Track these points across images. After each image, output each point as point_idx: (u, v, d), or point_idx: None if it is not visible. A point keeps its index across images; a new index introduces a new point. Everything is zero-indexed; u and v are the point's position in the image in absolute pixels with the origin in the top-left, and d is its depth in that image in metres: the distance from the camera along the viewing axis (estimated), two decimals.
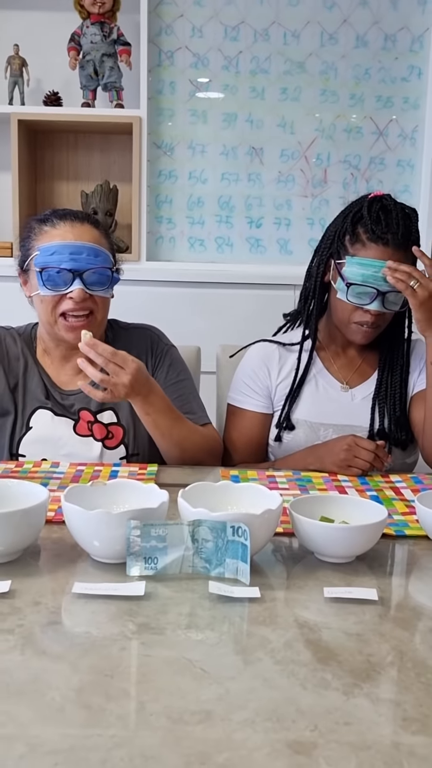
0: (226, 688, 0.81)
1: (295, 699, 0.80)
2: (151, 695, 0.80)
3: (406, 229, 1.59)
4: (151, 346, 1.74)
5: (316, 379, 1.75)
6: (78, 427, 1.65)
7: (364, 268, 1.58)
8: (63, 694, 0.80)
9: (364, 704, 0.79)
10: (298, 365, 1.74)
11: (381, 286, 1.58)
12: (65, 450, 1.63)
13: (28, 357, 1.69)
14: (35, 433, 1.64)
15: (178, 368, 1.75)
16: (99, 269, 1.58)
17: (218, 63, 2.86)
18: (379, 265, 1.57)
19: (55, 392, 1.68)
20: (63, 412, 1.66)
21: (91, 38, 2.72)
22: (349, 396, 1.73)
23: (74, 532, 1.11)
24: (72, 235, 1.58)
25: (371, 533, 1.12)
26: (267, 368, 1.76)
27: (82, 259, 1.56)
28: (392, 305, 1.62)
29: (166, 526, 1.06)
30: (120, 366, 1.43)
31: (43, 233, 1.60)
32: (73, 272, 1.55)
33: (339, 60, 2.86)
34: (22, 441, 1.64)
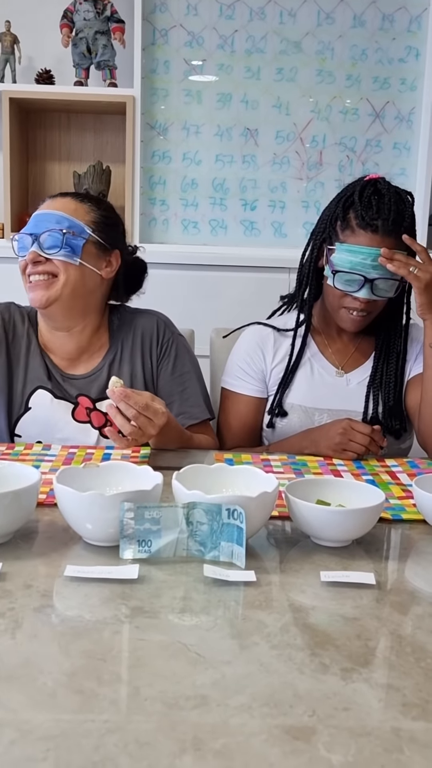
0: (221, 673, 0.80)
1: (292, 684, 0.78)
2: (145, 680, 0.78)
3: (398, 214, 1.57)
4: (157, 334, 1.72)
5: (311, 363, 1.73)
6: (76, 412, 1.64)
7: (352, 254, 1.56)
8: (55, 678, 0.78)
9: (363, 689, 0.78)
10: (292, 350, 1.72)
11: (369, 273, 1.56)
12: (62, 434, 1.62)
13: (32, 337, 1.68)
14: (33, 414, 1.63)
15: (184, 359, 1.72)
16: (52, 231, 1.55)
17: (213, 42, 2.82)
18: (367, 252, 1.55)
19: (56, 373, 1.66)
20: (63, 395, 1.65)
21: (84, 15, 2.68)
22: (344, 381, 1.72)
23: (66, 515, 1.09)
24: (47, 206, 1.62)
25: (368, 517, 1.10)
26: (262, 352, 1.74)
27: (42, 224, 1.57)
28: (382, 292, 1.59)
29: (160, 509, 1.04)
30: (150, 418, 1.39)
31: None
32: (31, 236, 1.57)
33: (336, 40, 2.82)
34: (20, 420, 1.62)
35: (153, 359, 1.70)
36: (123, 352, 1.69)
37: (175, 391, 1.68)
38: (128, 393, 1.37)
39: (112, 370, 1.67)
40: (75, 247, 1.57)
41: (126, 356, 1.69)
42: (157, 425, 1.41)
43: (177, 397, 1.68)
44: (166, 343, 1.71)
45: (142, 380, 1.68)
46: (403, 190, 1.62)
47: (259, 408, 1.75)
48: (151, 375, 1.70)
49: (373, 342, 1.75)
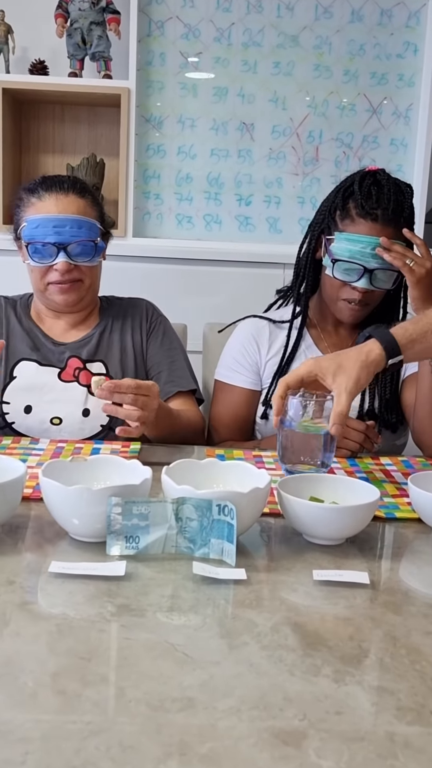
0: (209, 674, 0.77)
1: (282, 686, 0.76)
2: (130, 681, 0.75)
3: (398, 204, 1.55)
4: (146, 312, 1.79)
5: (306, 356, 1.71)
6: (63, 374, 1.67)
7: (351, 243, 1.55)
8: (36, 678, 0.75)
9: (356, 692, 0.75)
10: (287, 342, 1.70)
11: (368, 263, 1.54)
12: (50, 396, 1.64)
13: (12, 317, 1.73)
14: (19, 382, 1.66)
15: (171, 337, 1.79)
16: (82, 241, 1.61)
17: (210, 34, 2.78)
18: (366, 241, 1.53)
19: (47, 342, 1.71)
20: (49, 362, 1.69)
21: (80, 5, 2.64)
22: None
23: (52, 509, 1.07)
24: (56, 207, 1.62)
25: (362, 514, 1.08)
26: (257, 344, 1.72)
27: (66, 232, 1.60)
28: (380, 283, 1.58)
29: (148, 504, 1.01)
30: (146, 395, 1.39)
31: (30, 205, 1.64)
32: (57, 245, 1.60)
33: (333, 35, 2.79)
34: (6, 389, 1.65)
35: (143, 333, 1.76)
36: (113, 325, 1.75)
37: (164, 361, 1.73)
38: (115, 383, 1.37)
39: (102, 336, 1.72)
40: (99, 251, 1.67)
41: (116, 328, 1.75)
42: (154, 397, 1.41)
43: (165, 367, 1.72)
44: (155, 321, 1.78)
45: (132, 353, 1.73)
46: (402, 181, 1.61)
47: (252, 400, 1.72)
48: (141, 347, 1.75)
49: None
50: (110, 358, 1.70)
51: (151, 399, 1.40)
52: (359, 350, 1.27)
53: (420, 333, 1.28)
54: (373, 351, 1.26)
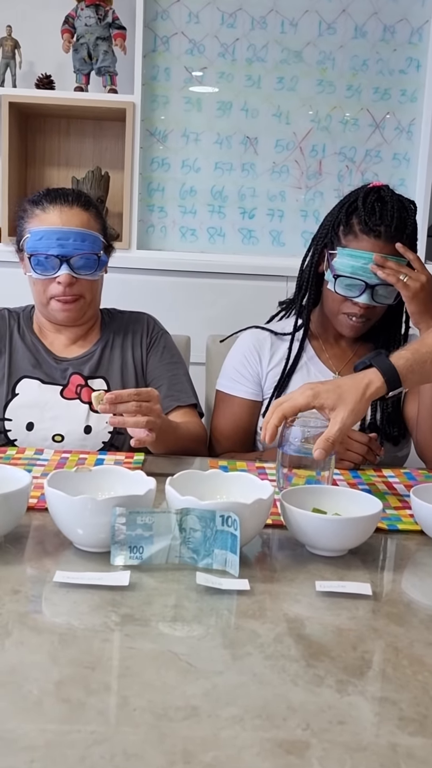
0: (213, 683, 0.77)
1: (285, 696, 0.76)
2: (134, 690, 0.76)
3: (401, 221, 1.56)
4: (147, 327, 1.79)
5: (308, 368, 1.71)
6: (65, 391, 1.67)
7: (354, 259, 1.56)
8: (41, 687, 0.76)
9: (358, 702, 0.76)
10: (289, 353, 1.71)
11: (370, 279, 1.55)
12: (51, 413, 1.64)
13: (15, 332, 1.73)
14: (21, 399, 1.66)
15: (172, 351, 1.79)
16: (86, 254, 1.62)
17: (214, 50, 2.81)
18: (369, 257, 1.55)
19: (49, 358, 1.71)
20: (51, 380, 1.69)
21: (86, 21, 2.67)
22: None
23: (57, 519, 1.07)
24: (60, 220, 1.62)
25: (365, 526, 1.08)
26: (258, 354, 1.73)
27: (69, 244, 1.60)
28: (382, 298, 1.59)
29: (152, 514, 1.02)
30: (147, 400, 1.39)
31: (34, 216, 1.64)
32: (60, 258, 1.60)
33: (337, 50, 2.81)
34: (8, 405, 1.65)
35: (143, 347, 1.76)
36: (114, 340, 1.75)
37: (164, 375, 1.72)
38: (115, 394, 1.37)
39: (104, 353, 1.73)
40: (101, 264, 1.67)
41: (117, 343, 1.75)
42: (156, 401, 1.41)
43: (165, 381, 1.72)
44: (156, 335, 1.78)
45: (132, 368, 1.73)
46: (406, 198, 1.62)
47: (253, 411, 1.73)
48: (141, 362, 1.75)
49: (370, 348, 1.74)
50: (111, 374, 1.71)
51: (153, 403, 1.40)
52: (359, 381, 1.26)
53: (419, 362, 1.29)
54: (374, 383, 1.26)
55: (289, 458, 1.28)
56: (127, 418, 1.38)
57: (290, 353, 1.71)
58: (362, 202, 1.58)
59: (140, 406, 1.37)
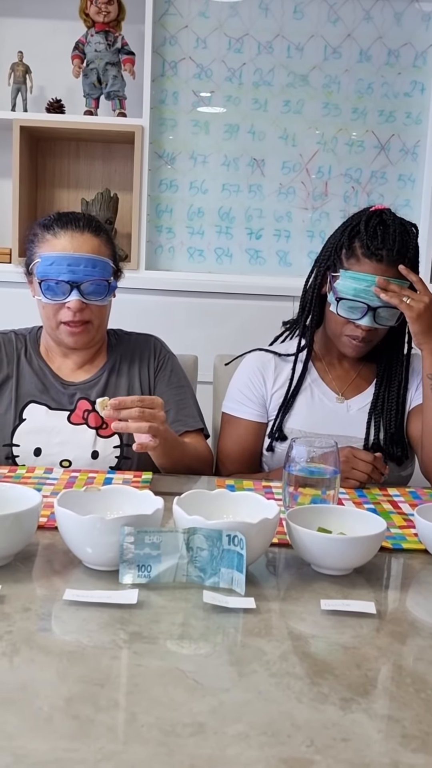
0: (219, 701, 0.79)
1: (290, 713, 0.77)
2: (142, 706, 0.77)
3: (403, 245, 1.58)
4: (154, 350, 1.78)
5: (311, 389, 1.73)
6: (72, 416, 1.67)
7: (356, 282, 1.57)
8: (51, 703, 0.77)
9: (362, 720, 0.77)
10: (292, 375, 1.73)
11: (372, 301, 1.57)
12: (59, 438, 1.64)
13: (23, 356, 1.73)
14: (29, 425, 1.66)
15: (179, 374, 1.78)
16: (96, 280, 1.61)
17: (221, 74, 2.85)
18: (371, 280, 1.56)
19: (56, 383, 1.70)
20: (58, 406, 1.68)
21: (96, 47, 2.72)
22: (344, 407, 1.72)
23: (67, 538, 1.09)
24: (71, 246, 1.61)
25: (369, 545, 1.10)
26: (263, 377, 1.75)
27: (80, 270, 1.59)
28: (384, 320, 1.60)
29: (160, 534, 1.04)
30: (150, 407, 1.40)
31: (45, 241, 1.64)
32: (70, 284, 1.59)
33: (342, 74, 2.85)
34: (16, 431, 1.65)
35: (150, 371, 1.75)
36: (121, 364, 1.75)
37: (172, 400, 1.71)
38: (119, 400, 1.38)
39: (111, 377, 1.72)
40: (111, 290, 1.66)
41: (124, 367, 1.74)
42: (159, 408, 1.42)
43: (173, 405, 1.71)
44: (163, 358, 1.78)
45: (139, 391, 1.73)
46: (407, 221, 1.64)
47: (258, 433, 1.75)
48: (148, 385, 1.75)
49: (374, 368, 1.75)
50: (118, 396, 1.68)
51: (157, 410, 1.40)
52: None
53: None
54: None
55: (294, 477, 1.30)
56: (130, 424, 1.38)
57: (293, 375, 1.73)
58: (364, 226, 1.60)
59: (143, 411, 1.37)
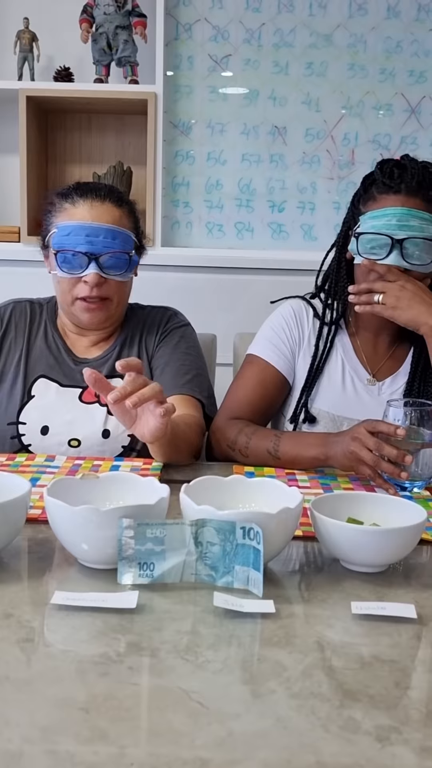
0: (228, 730, 0.66)
1: (315, 745, 0.64)
2: (132, 738, 0.64)
3: (423, 177, 1.46)
4: (163, 321, 1.69)
5: (343, 364, 1.59)
6: (84, 394, 1.58)
7: (375, 219, 1.46)
8: (23, 734, 0.64)
9: (403, 754, 0.63)
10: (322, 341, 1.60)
11: (395, 233, 1.43)
12: (69, 416, 1.54)
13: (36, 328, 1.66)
14: (38, 402, 1.57)
15: (189, 343, 1.67)
16: (117, 253, 1.53)
17: (239, 36, 2.72)
18: (391, 213, 1.44)
19: (69, 359, 1.62)
20: (71, 383, 1.59)
21: (105, 9, 2.59)
22: (375, 390, 1.58)
23: (59, 532, 0.97)
24: (90, 215, 1.53)
25: (408, 537, 0.96)
26: (299, 324, 1.62)
27: (99, 242, 1.51)
28: (415, 258, 1.44)
29: (164, 527, 0.91)
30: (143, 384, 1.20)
31: (62, 210, 1.56)
32: (88, 255, 1.51)
33: (368, 32, 2.70)
34: (24, 408, 1.56)
35: (156, 339, 1.66)
36: (132, 336, 1.66)
37: (173, 363, 1.60)
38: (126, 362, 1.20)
39: (122, 352, 1.64)
40: (132, 265, 1.59)
41: (135, 339, 1.66)
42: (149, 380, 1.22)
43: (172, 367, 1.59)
44: (169, 328, 1.68)
45: (146, 363, 1.64)
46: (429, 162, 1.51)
47: (279, 386, 1.59)
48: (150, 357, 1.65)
49: (407, 348, 1.60)
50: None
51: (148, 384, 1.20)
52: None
53: None
54: None
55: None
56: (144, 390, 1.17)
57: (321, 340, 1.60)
58: (379, 169, 1.50)
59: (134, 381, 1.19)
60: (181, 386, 1.56)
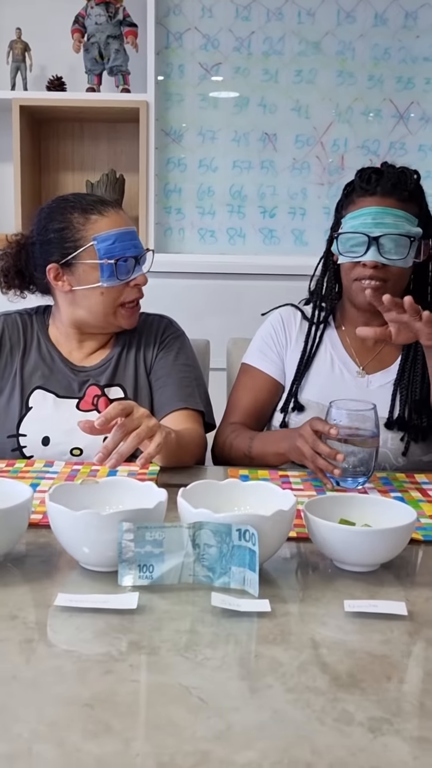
0: (227, 723, 0.68)
1: (310, 737, 0.67)
2: (136, 731, 0.67)
3: (399, 180, 1.52)
4: (160, 330, 1.70)
5: (332, 358, 1.65)
6: (81, 403, 1.60)
7: (353, 219, 1.52)
8: (32, 729, 0.67)
9: (395, 744, 0.66)
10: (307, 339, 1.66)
11: (371, 231, 1.49)
12: (68, 426, 1.54)
13: (29, 340, 1.66)
14: (36, 413, 1.58)
15: (188, 354, 1.70)
16: (144, 254, 1.60)
17: (229, 44, 2.75)
18: (366, 212, 1.50)
19: (65, 368, 1.63)
20: (67, 393, 1.61)
21: (96, 19, 2.62)
22: (364, 382, 1.62)
23: (60, 536, 1.00)
24: (123, 221, 1.57)
25: (398, 537, 0.99)
26: (285, 330, 1.70)
27: (138, 244, 1.57)
28: (391, 254, 1.49)
29: (163, 530, 0.94)
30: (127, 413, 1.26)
31: (92, 222, 1.54)
32: (135, 258, 1.56)
33: (357, 39, 2.74)
34: (23, 421, 1.57)
35: (154, 349, 1.67)
36: (129, 344, 1.67)
37: (174, 376, 1.63)
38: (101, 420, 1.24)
39: (119, 360, 1.65)
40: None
41: (132, 348, 1.67)
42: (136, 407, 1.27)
43: (174, 381, 1.62)
44: (167, 337, 1.70)
45: (144, 372, 1.65)
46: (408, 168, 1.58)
47: (272, 390, 1.68)
48: (150, 365, 1.67)
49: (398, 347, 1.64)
50: (126, 380, 1.63)
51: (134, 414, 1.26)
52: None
53: None
54: None
55: None
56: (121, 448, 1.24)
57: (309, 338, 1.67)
58: (358, 176, 1.57)
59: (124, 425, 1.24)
60: (183, 399, 1.59)
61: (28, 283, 1.65)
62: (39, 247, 1.57)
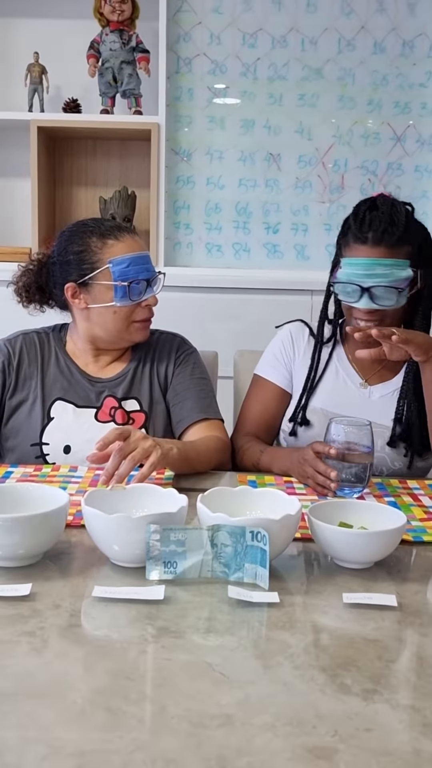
0: (245, 693, 0.81)
1: (315, 704, 0.80)
2: (171, 699, 0.80)
3: (389, 224, 1.58)
4: (174, 348, 1.81)
5: (337, 369, 1.76)
6: (99, 414, 1.70)
7: (349, 267, 1.60)
8: (84, 696, 0.80)
9: (384, 710, 0.79)
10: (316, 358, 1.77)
11: (363, 282, 1.58)
12: (87, 435, 1.65)
13: (47, 356, 1.75)
14: (57, 423, 1.68)
15: (202, 368, 1.81)
16: (158, 275, 1.71)
17: (236, 69, 2.87)
18: (359, 262, 1.58)
19: (83, 380, 1.73)
20: (85, 404, 1.71)
21: (110, 45, 2.74)
22: (366, 393, 1.72)
23: (94, 536, 1.12)
24: (137, 245, 1.68)
25: (390, 539, 1.12)
26: (294, 345, 1.81)
27: (151, 268, 1.68)
28: (383, 301, 1.59)
29: (185, 531, 1.06)
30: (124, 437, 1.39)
31: (109, 246, 1.66)
32: (147, 281, 1.66)
33: (357, 66, 2.86)
34: (45, 430, 1.68)
35: (171, 365, 1.77)
36: (146, 359, 1.77)
37: (193, 389, 1.74)
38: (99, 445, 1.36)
39: (136, 374, 1.75)
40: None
41: (147, 365, 1.76)
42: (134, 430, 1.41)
43: (194, 394, 1.73)
44: (183, 353, 1.80)
45: (158, 387, 1.75)
46: (401, 202, 1.64)
47: (281, 400, 1.79)
48: (166, 380, 1.77)
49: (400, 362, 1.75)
50: (142, 394, 1.73)
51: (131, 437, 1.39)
52: None
53: None
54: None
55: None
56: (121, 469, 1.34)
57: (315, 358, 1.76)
58: (354, 214, 1.64)
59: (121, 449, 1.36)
60: (203, 411, 1.71)
61: (48, 299, 1.76)
62: (59, 267, 1.68)
